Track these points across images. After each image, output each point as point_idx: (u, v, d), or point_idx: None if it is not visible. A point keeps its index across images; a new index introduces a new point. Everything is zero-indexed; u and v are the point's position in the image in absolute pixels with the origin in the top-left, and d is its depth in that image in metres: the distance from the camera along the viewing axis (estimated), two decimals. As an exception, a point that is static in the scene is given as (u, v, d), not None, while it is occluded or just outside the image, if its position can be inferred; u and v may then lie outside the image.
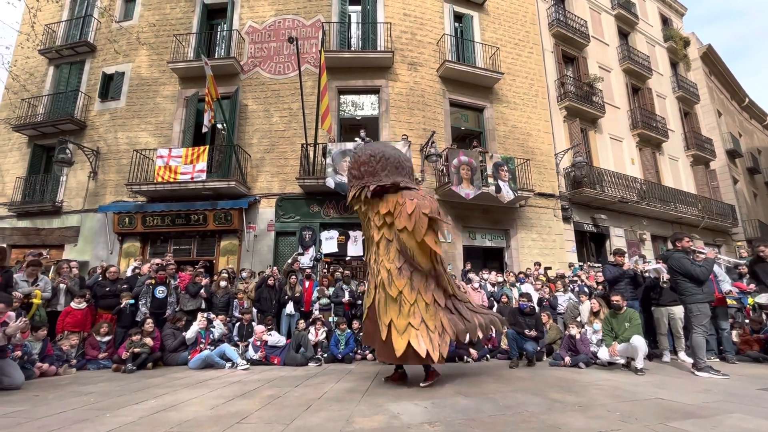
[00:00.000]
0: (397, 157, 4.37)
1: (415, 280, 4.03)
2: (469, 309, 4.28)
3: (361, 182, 4.27)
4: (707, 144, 18.15)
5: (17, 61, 12.54)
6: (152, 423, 2.82)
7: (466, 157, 9.72)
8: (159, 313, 6.35)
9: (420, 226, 3.87)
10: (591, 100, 13.55)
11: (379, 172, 4.22)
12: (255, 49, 11.44)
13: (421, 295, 4.00)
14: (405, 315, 3.92)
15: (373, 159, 4.27)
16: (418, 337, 3.82)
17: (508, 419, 2.84)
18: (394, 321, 3.92)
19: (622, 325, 5.02)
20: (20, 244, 10.76)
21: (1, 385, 4.01)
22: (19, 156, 11.86)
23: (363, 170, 4.29)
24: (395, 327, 3.90)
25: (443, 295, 4.18)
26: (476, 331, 4.10)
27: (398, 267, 4.04)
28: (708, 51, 20.29)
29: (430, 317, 3.94)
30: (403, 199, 4.07)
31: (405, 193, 4.15)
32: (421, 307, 3.97)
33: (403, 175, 4.32)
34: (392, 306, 3.98)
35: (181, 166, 9.58)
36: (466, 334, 4.09)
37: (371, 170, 4.24)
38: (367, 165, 4.27)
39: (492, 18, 12.64)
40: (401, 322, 3.90)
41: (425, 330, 3.87)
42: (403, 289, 3.98)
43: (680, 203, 14.63)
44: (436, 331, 3.90)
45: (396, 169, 4.28)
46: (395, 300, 3.97)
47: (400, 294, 3.97)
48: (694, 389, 3.83)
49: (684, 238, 5.18)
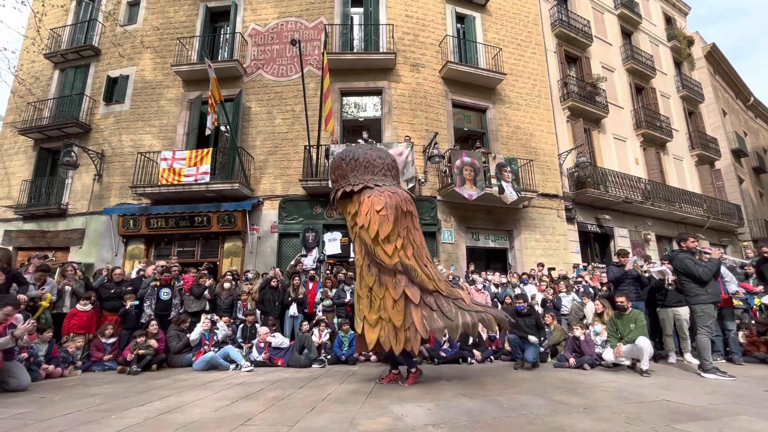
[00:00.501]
0: (366, 158, 4.46)
1: (383, 277, 4.11)
2: (459, 306, 4.09)
3: (335, 186, 4.51)
4: (712, 143, 18.04)
5: (23, 65, 12.67)
6: (157, 425, 2.83)
7: (469, 158, 9.71)
8: (163, 315, 6.38)
9: (373, 223, 4.03)
10: (594, 100, 13.51)
11: (348, 174, 4.39)
12: (258, 51, 11.49)
13: (389, 291, 4.06)
14: (375, 310, 4.08)
15: (342, 162, 4.47)
16: (386, 331, 4.00)
17: (512, 421, 2.83)
18: (366, 316, 4.12)
19: (627, 327, 4.99)
20: (26, 246, 10.85)
21: (8, 386, 4.04)
22: (25, 159, 11.97)
23: (337, 174, 4.52)
24: (367, 321, 4.11)
25: (419, 291, 4.07)
26: (457, 330, 3.91)
27: (368, 264, 4.18)
28: (712, 50, 20.18)
29: (396, 314, 3.99)
30: (362, 197, 4.21)
31: (366, 192, 4.25)
32: (389, 303, 4.03)
33: (374, 174, 4.43)
34: (364, 302, 4.17)
35: (185, 168, 9.63)
36: (443, 332, 3.98)
37: (341, 173, 4.46)
38: (339, 169, 4.48)
39: (494, 19, 12.63)
40: (372, 317, 4.09)
41: (392, 326, 3.99)
42: (373, 285, 4.12)
43: (685, 203, 14.54)
44: (403, 328, 3.95)
45: (365, 170, 4.40)
46: (366, 296, 4.16)
47: (370, 290, 4.14)
48: (701, 391, 3.81)
49: (689, 238, 5.14)
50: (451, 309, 4.04)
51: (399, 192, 4.33)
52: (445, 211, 10.28)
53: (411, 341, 3.95)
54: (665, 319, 5.63)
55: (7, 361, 4.07)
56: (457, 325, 3.93)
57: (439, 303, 4.08)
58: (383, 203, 4.08)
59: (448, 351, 6.10)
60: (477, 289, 7.50)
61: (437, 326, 3.94)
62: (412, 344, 3.96)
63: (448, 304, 4.08)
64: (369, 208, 4.10)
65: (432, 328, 3.95)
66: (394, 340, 3.96)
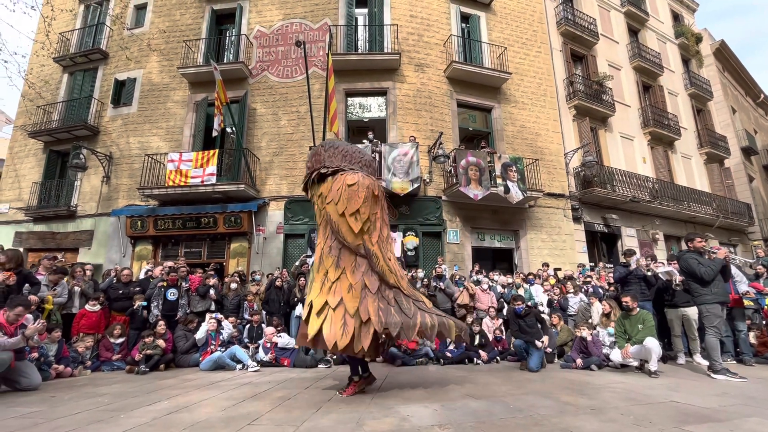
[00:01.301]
0: (346, 149, 4.37)
1: (343, 259, 3.85)
2: (419, 307, 3.88)
3: (317, 166, 4.27)
4: (721, 141, 17.80)
5: (33, 69, 12.85)
6: (165, 424, 2.85)
7: (474, 157, 9.68)
8: (171, 315, 6.44)
9: (342, 197, 3.87)
10: (601, 99, 13.40)
11: (324, 160, 4.24)
12: (263, 53, 11.56)
13: (345, 275, 3.77)
14: (324, 293, 3.72)
15: (321, 149, 4.34)
16: (332, 320, 3.59)
17: (519, 422, 2.81)
18: (313, 300, 3.75)
19: (635, 327, 4.95)
20: (36, 247, 11.00)
21: (20, 386, 4.10)
22: (35, 162, 12.14)
23: (313, 161, 4.33)
24: (313, 306, 3.72)
25: (378, 281, 3.83)
26: (414, 329, 3.63)
27: (329, 246, 3.93)
28: (721, 47, 19.93)
29: (351, 299, 3.65)
30: (336, 177, 4.08)
31: (341, 173, 4.13)
32: (344, 286, 3.72)
33: (350, 163, 4.29)
34: (316, 285, 3.85)
35: (192, 169, 9.71)
36: (398, 328, 3.61)
37: (318, 159, 4.28)
38: (317, 155, 4.32)
39: (499, 18, 12.59)
40: (318, 301, 3.71)
41: (341, 313, 3.61)
42: (329, 267, 3.83)
43: (694, 202, 14.37)
44: (357, 316, 3.58)
45: (343, 158, 4.28)
46: (320, 280, 3.84)
47: (326, 273, 3.84)
48: (711, 392, 3.76)
49: (695, 238, 5.10)
50: (410, 307, 3.81)
51: (373, 179, 4.25)
52: (450, 211, 10.25)
53: (361, 337, 3.53)
54: (673, 320, 5.57)
55: (19, 361, 4.13)
56: (415, 323, 3.66)
57: (398, 299, 3.85)
58: (356, 180, 3.95)
59: (453, 351, 6.09)
60: (483, 290, 7.47)
61: (393, 320, 3.62)
62: (361, 341, 3.52)
63: (408, 303, 3.86)
64: (341, 183, 3.94)
65: (387, 322, 3.61)
66: (340, 331, 3.50)
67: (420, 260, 9.50)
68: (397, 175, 9.31)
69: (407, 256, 9.38)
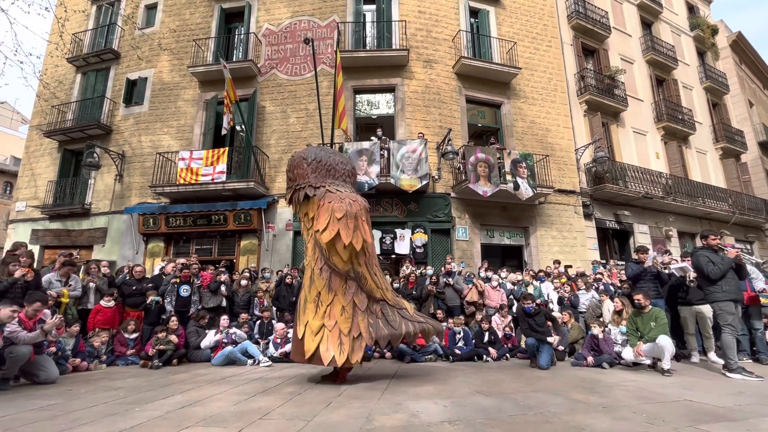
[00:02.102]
0: (329, 162, 4.48)
1: (334, 282, 4.10)
2: (402, 316, 4.28)
3: (293, 184, 4.45)
4: (738, 136, 17.39)
5: (47, 69, 13.09)
6: (179, 417, 2.91)
7: (483, 154, 9.61)
8: (183, 311, 6.54)
9: (331, 229, 4.02)
10: (613, 93, 13.18)
11: (309, 175, 4.36)
12: (272, 51, 11.60)
13: (338, 297, 4.06)
14: (320, 316, 4.02)
15: (304, 162, 4.44)
16: (328, 340, 3.90)
17: (529, 419, 2.80)
18: (309, 321, 4.04)
19: (647, 325, 4.88)
20: (52, 245, 11.26)
21: (38, 379, 4.21)
22: (50, 161, 12.39)
23: (296, 173, 4.45)
24: (310, 327, 4.00)
25: (366, 299, 4.16)
26: (400, 338, 4.16)
27: (320, 268, 4.14)
28: (738, 39, 19.42)
29: (345, 320, 3.99)
30: (323, 201, 4.19)
31: (327, 196, 4.23)
32: (337, 310, 4.02)
33: (334, 178, 4.46)
34: (310, 306, 4.10)
35: (202, 167, 9.82)
36: (387, 340, 4.16)
37: (302, 173, 4.40)
38: (299, 168, 4.43)
39: (508, 12, 12.43)
40: (315, 323, 4.00)
41: (337, 333, 3.93)
42: (322, 290, 4.09)
43: (709, 198, 14.07)
44: (350, 334, 3.94)
45: (327, 173, 4.43)
46: (313, 301, 4.10)
47: (318, 295, 4.09)
48: (726, 391, 3.70)
49: (710, 235, 5.03)
50: (395, 318, 4.21)
51: (359, 200, 4.34)
52: (459, 208, 10.21)
53: (355, 352, 3.92)
54: (687, 318, 5.49)
55: (37, 355, 4.24)
56: (400, 333, 4.11)
57: (384, 311, 4.22)
58: (344, 211, 4.07)
59: (462, 349, 6.08)
60: (492, 287, 7.44)
61: (382, 334, 4.05)
62: (356, 354, 3.91)
63: (393, 314, 4.25)
64: (330, 214, 4.07)
65: (377, 336, 4.03)
66: (338, 350, 3.86)
67: (429, 257, 9.48)
68: (406, 172, 9.29)
69: (416, 254, 9.37)
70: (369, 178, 9.07)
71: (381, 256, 9.76)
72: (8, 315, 3.77)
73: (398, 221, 9.83)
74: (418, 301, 7.01)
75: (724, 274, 4.64)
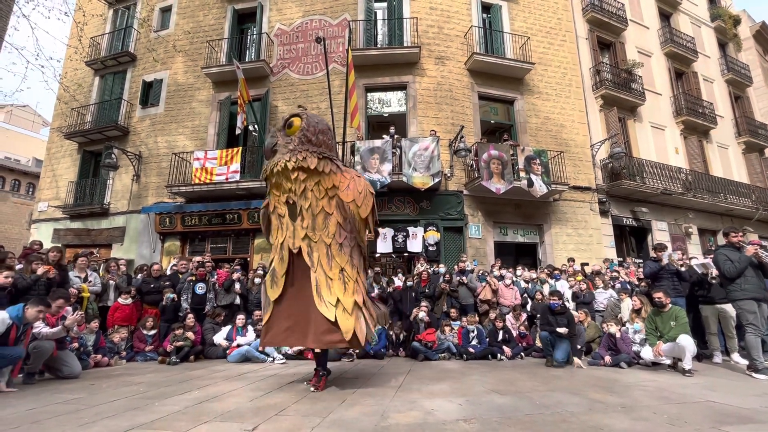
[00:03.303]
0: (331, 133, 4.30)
1: (355, 258, 3.88)
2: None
3: (317, 150, 3.86)
4: (762, 129, 16.80)
5: (67, 73, 13.44)
6: (197, 412, 2.96)
7: (496, 151, 9.50)
8: (199, 309, 6.65)
9: (367, 202, 3.84)
10: (629, 88, 12.87)
11: (333, 148, 4.12)
12: (284, 51, 11.68)
13: (359, 274, 3.86)
14: (350, 293, 3.68)
15: (329, 132, 4.13)
16: (361, 318, 3.65)
17: (546, 419, 2.77)
18: (341, 299, 3.60)
19: (667, 324, 4.76)
20: (73, 243, 11.57)
21: (62, 374, 4.35)
22: (70, 162, 12.73)
23: (321, 139, 3.93)
24: (343, 305, 3.58)
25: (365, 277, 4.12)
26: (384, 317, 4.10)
27: (339, 242, 3.81)
28: (761, 29, 18.76)
29: (366, 297, 3.87)
30: (349, 175, 4.01)
31: (348, 171, 4.08)
32: (361, 285, 3.84)
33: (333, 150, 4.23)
34: (336, 284, 3.66)
35: (217, 167, 9.96)
36: (380, 319, 4.09)
37: (329, 144, 4.03)
38: (326, 136, 4.01)
39: (521, 7, 12.25)
40: (348, 300, 3.62)
41: (366, 310, 3.76)
42: (345, 265, 3.76)
43: (731, 194, 13.64)
44: (368, 312, 3.79)
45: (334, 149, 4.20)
46: (339, 278, 3.70)
47: (342, 271, 3.73)
48: (750, 392, 3.59)
49: (731, 232, 4.89)
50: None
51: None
52: (472, 206, 10.12)
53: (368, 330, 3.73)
54: (709, 317, 5.34)
55: (60, 351, 4.37)
56: (383, 313, 4.06)
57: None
58: (370, 188, 4.00)
59: (476, 347, 6.04)
60: (506, 285, 7.36)
61: (378, 312, 3.98)
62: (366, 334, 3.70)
63: None
64: (363, 188, 3.89)
65: (376, 315, 3.94)
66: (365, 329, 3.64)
67: (441, 255, 9.43)
68: (418, 170, 9.25)
69: (429, 252, 9.33)
70: (381, 177, 9.06)
71: (394, 254, 9.78)
72: (34, 315, 3.89)
73: (411, 219, 9.80)
74: (432, 299, 6.99)
75: (741, 273, 4.52)
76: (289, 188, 3.83)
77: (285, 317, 3.79)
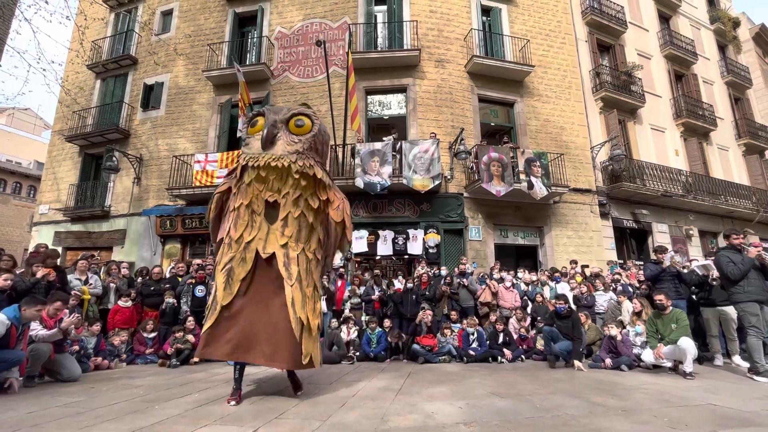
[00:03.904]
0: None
1: (317, 274, 3.77)
2: None
3: (320, 161, 3.80)
4: (762, 131, 16.82)
5: (68, 76, 13.49)
6: (197, 415, 2.95)
7: (496, 153, 9.52)
8: (199, 311, 6.62)
9: (349, 228, 3.90)
10: (629, 90, 12.90)
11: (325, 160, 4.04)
12: (284, 54, 11.72)
13: (316, 292, 3.69)
14: (316, 315, 3.52)
15: (329, 146, 4.16)
16: (317, 343, 3.57)
17: (546, 422, 2.76)
18: (310, 320, 3.41)
19: (668, 326, 4.75)
20: (74, 246, 11.59)
21: (61, 377, 4.34)
22: (71, 165, 12.77)
23: (324, 150, 3.92)
24: (310, 327, 3.41)
25: None
26: None
27: (318, 259, 3.73)
28: (761, 31, 18.81)
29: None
30: (340, 195, 3.94)
31: (338, 189, 4.02)
32: (318, 306, 3.66)
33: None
34: (308, 302, 3.46)
35: (217, 170, 9.98)
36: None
37: (326, 158, 4.04)
38: (327, 149, 4.03)
39: (521, 9, 12.29)
40: (314, 323, 3.47)
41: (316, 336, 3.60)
42: (317, 284, 3.72)
43: (731, 196, 13.64)
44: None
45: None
46: (311, 297, 3.53)
47: (315, 290, 3.62)
48: (752, 395, 3.58)
49: (732, 234, 4.89)
50: None
51: None
52: (472, 208, 10.13)
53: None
54: (710, 319, 5.34)
55: (59, 354, 4.36)
56: None
57: None
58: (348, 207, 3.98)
59: (477, 350, 6.03)
60: (506, 288, 7.35)
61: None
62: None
63: None
64: (349, 210, 3.94)
65: None
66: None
67: (442, 258, 9.43)
68: (418, 173, 9.25)
69: (429, 254, 9.33)
70: (381, 179, 9.07)
71: (394, 257, 9.78)
72: (33, 314, 3.89)
73: (411, 221, 9.81)
74: (432, 301, 6.98)
75: (745, 275, 4.51)
76: (278, 188, 3.53)
77: (234, 328, 3.33)
